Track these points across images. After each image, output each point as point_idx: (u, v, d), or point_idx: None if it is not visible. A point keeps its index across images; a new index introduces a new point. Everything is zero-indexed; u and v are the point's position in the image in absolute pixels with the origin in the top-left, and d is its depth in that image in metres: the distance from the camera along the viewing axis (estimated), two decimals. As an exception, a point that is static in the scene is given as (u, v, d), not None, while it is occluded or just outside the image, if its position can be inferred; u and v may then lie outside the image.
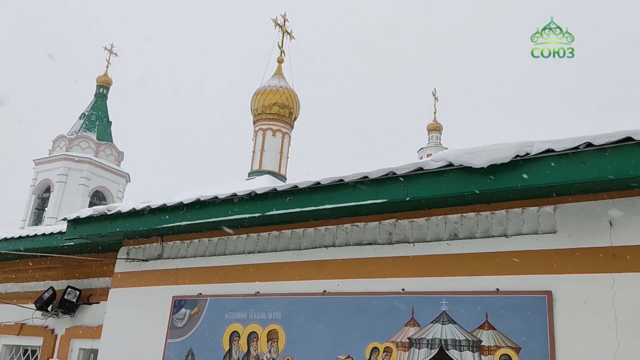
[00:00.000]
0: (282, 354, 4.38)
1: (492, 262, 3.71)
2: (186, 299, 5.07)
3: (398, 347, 3.90)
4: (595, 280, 3.30)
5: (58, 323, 6.79)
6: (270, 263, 4.77)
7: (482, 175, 3.43)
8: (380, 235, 4.27)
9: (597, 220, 3.40)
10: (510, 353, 3.48)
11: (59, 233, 6.13)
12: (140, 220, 5.14)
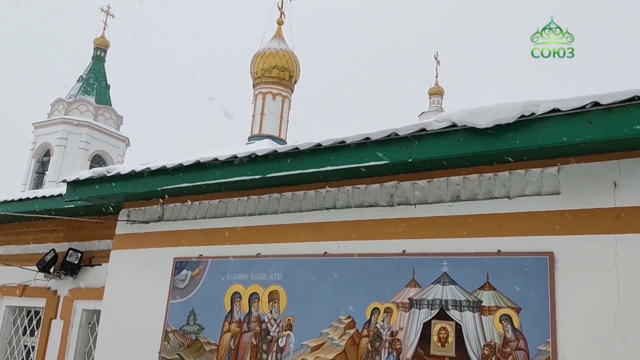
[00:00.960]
0: (283, 314, 4.42)
1: (494, 224, 3.69)
2: (187, 261, 5.09)
3: (398, 308, 3.92)
4: (597, 241, 3.29)
5: (60, 284, 6.84)
6: (271, 225, 4.77)
7: (486, 135, 3.38)
8: (381, 197, 4.24)
9: (601, 181, 3.37)
10: (510, 313, 3.50)
11: (59, 195, 6.11)
12: (139, 182, 5.11)
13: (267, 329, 4.45)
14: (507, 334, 3.48)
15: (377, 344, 3.94)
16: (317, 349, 4.16)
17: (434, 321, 3.76)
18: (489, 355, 3.50)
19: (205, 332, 4.76)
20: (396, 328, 3.89)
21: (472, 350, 3.57)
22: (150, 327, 5.09)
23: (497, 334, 3.51)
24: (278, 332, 4.39)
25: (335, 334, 4.12)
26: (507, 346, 3.46)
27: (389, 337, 3.90)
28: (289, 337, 4.32)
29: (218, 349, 4.63)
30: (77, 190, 5.45)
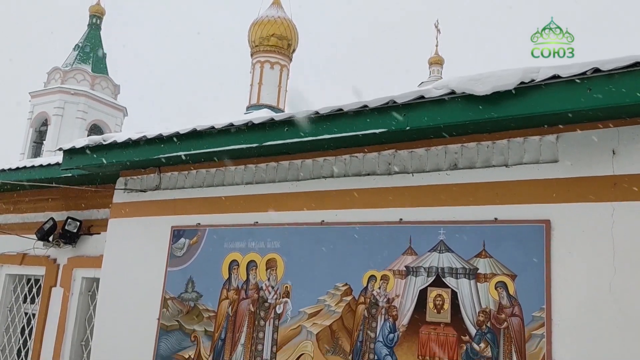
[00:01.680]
0: (281, 282, 4.45)
1: (491, 192, 3.69)
2: (185, 229, 5.10)
3: (395, 275, 3.95)
4: (594, 209, 3.29)
5: (60, 253, 6.88)
6: (269, 194, 4.76)
7: (485, 103, 3.35)
8: (379, 166, 4.23)
9: (600, 149, 3.35)
10: (505, 280, 3.52)
11: (56, 164, 6.10)
12: (136, 150, 5.08)
13: (264, 296, 4.49)
14: (502, 301, 3.51)
15: (373, 310, 3.98)
16: (314, 316, 4.20)
17: (430, 288, 3.79)
18: (484, 322, 3.54)
19: (203, 300, 4.80)
20: (392, 295, 3.92)
21: (468, 316, 3.61)
22: (149, 295, 5.13)
23: (493, 300, 3.54)
24: (276, 300, 4.43)
25: (332, 301, 4.15)
26: (502, 312, 3.49)
27: (386, 304, 3.94)
28: (287, 304, 4.36)
29: (216, 316, 4.68)
30: (73, 159, 5.43)
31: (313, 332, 4.16)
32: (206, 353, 4.63)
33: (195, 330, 4.76)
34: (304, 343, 4.18)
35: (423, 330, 3.75)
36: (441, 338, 3.67)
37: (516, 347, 3.40)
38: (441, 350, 3.65)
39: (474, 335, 3.56)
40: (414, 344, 3.75)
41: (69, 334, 6.50)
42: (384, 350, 3.86)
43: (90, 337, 6.45)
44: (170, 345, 4.86)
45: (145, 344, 5.00)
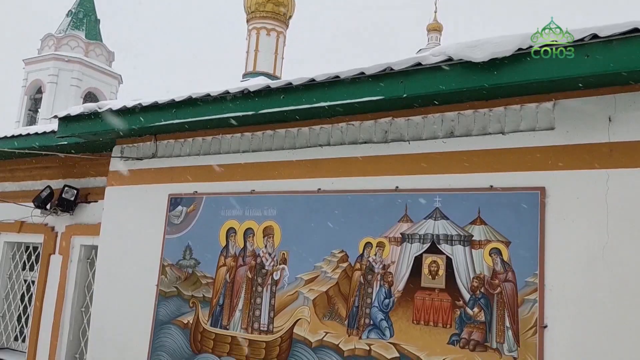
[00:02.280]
0: (278, 249, 4.49)
1: (487, 160, 3.70)
2: (182, 197, 5.12)
3: (390, 242, 3.99)
4: (589, 176, 3.30)
5: (58, 221, 6.91)
6: (265, 162, 4.76)
7: (482, 70, 3.33)
8: (375, 134, 4.22)
9: (597, 116, 3.35)
10: (500, 247, 3.56)
11: (51, 132, 6.07)
12: (132, 118, 5.06)
13: (262, 263, 4.54)
14: (496, 267, 3.56)
15: (369, 276, 4.03)
16: (311, 282, 4.25)
17: (425, 255, 3.84)
18: (478, 287, 3.59)
19: (201, 266, 4.85)
20: (388, 262, 3.97)
21: (462, 282, 3.66)
22: (147, 262, 5.18)
23: (487, 266, 3.59)
24: (273, 266, 4.48)
25: (329, 268, 4.20)
26: (495, 278, 3.55)
27: (381, 270, 3.98)
28: (284, 271, 4.41)
29: (214, 282, 4.73)
30: (69, 126, 5.40)
31: (310, 298, 4.23)
32: (204, 318, 4.70)
33: (194, 297, 4.82)
34: (300, 308, 4.25)
35: (418, 296, 3.80)
36: (435, 303, 3.73)
37: (509, 311, 3.46)
38: (435, 315, 3.71)
39: (468, 300, 3.62)
40: (409, 309, 3.81)
41: (69, 300, 6.58)
42: (380, 315, 3.92)
43: (90, 303, 6.53)
44: (169, 311, 4.93)
45: (145, 310, 5.07)
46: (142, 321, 5.06)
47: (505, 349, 3.43)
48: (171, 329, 4.87)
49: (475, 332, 3.56)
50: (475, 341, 3.54)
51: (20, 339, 7.30)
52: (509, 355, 3.41)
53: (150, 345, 4.95)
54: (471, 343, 3.55)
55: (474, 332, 3.56)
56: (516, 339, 3.41)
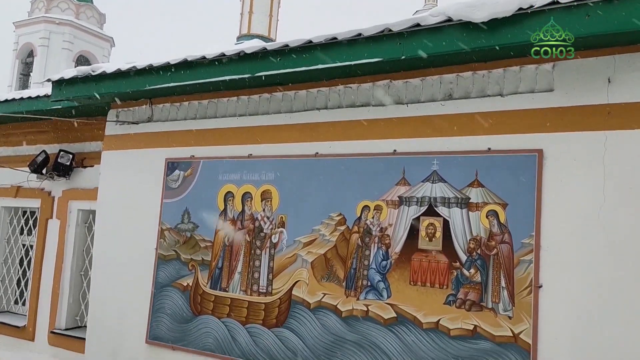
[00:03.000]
0: (276, 212, 4.51)
1: (485, 122, 3.69)
2: (179, 161, 5.11)
3: (388, 205, 4.01)
4: (587, 138, 3.31)
5: (54, 185, 6.90)
6: (262, 126, 4.74)
7: (482, 30, 3.29)
8: (373, 97, 4.19)
9: (596, 78, 3.33)
10: (497, 209, 3.59)
11: (45, 96, 6.00)
12: (126, 81, 5.00)
13: (260, 227, 4.56)
14: (493, 229, 3.59)
15: (367, 239, 4.06)
16: (309, 245, 4.29)
17: (422, 217, 3.87)
18: (475, 249, 3.64)
19: (199, 230, 4.88)
20: (385, 224, 4.00)
21: (459, 244, 3.70)
22: (145, 226, 5.20)
23: (483, 228, 3.62)
24: (271, 230, 4.51)
25: (327, 231, 4.23)
26: (492, 240, 3.59)
27: (379, 232, 4.02)
28: (282, 234, 4.44)
29: (213, 246, 4.77)
30: (63, 90, 5.34)
31: (308, 260, 4.27)
32: (204, 281, 4.76)
33: (193, 260, 4.86)
34: (299, 270, 4.30)
35: (415, 258, 3.85)
36: (432, 264, 3.78)
37: (505, 272, 3.51)
38: (432, 276, 3.76)
39: (464, 261, 3.67)
40: (406, 270, 3.86)
41: (68, 264, 6.63)
42: (377, 276, 3.97)
43: (89, 267, 6.59)
44: (169, 274, 4.98)
45: (144, 273, 5.12)
46: (142, 284, 5.11)
47: (500, 309, 3.50)
48: (171, 291, 4.93)
49: (471, 292, 3.62)
50: (471, 301, 3.61)
51: (21, 302, 7.38)
52: (504, 314, 3.48)
53: (151, 308, 5.02)
54: (467, 303, 3.62)
55: (470, 293, 3.62)
56: (511, 299, 3.47)
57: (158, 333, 4.94)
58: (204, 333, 4.67)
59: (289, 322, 4.28)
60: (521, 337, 3.40)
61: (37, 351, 6.68)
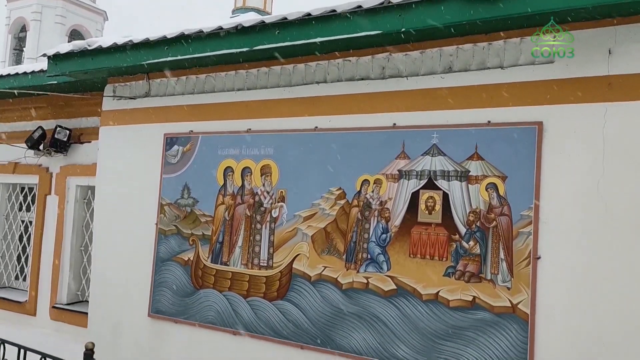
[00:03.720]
0: (276, 187, 4.52)
1: (485, 95, 3.68)
2: (178, 137, 5.09)
3: (388, 179, 4.02)
4: (587, 110, 3.31)
5: (52, 161, 6.89)
6: (261, 100, 4.72)
7: (482, 1, 3.25)
8: (373, 70, 4.17)
9: (596, 49, 3.31)
10: (496, 181, 3.61)
11: (40, 71, 5.95)
12: (123, 56, 4.95)
13: (260, 201, 4.58)
14: (492, 201, 3.62)
15: (366, 213, 4.09)
16: (309, 219, 4.32)
17: (422, 191, 3.89)
18: (474, 221, 3.67)
19: (199, 205, 4.89)
20: (385, 198, 4.02)
21: (458, 217, 3.73)
22: (145, 201, 5.21)
23: (483, 201, 3.65)
24: (271, 204, 4.52)
25: (327, 205, 4.26)
26: (491, 212, 3.61)
27: (378, 206, 4.04)
28: (282, 208, 4.46)
29: (213, 220, 4.79)
30: (58, 65, 5.29)
31: (308, 234, 4.30)
32: (205, 255, 4.79)
33: (193, 234, 4.89)
34: (299, 244, 4.33)
35: (414, 231, 3.88)
36: (432, 237, 3.82)
37: (504, 244, 3.55)
38: (432, 249, 3.80)
39: (464, 234, 3.70)
40: (406, 243, 3.90)
41: (67, 240, 6.66)
42: (377, 249, 4.01)
43: (89, 242, 6.62)
44: (170, 249, 5.01)
45: (145, 248, 5.15)
46: (143, 259, 5.15)
47: (499, 280, 3.55)
48: (172, 266, 4.97)
49: (470, 264, 3.67)
50: (470, 273, 3.65)
51: (21, 278, 7.43)
52: (503, 285, 3.53)
53: (152, 282, 5.06)
54: (466, 275, 3.67)
55: (469, 264, 3.67)
56: (510, 270, 3.51)
57: (160, 307, 4.99)
58: (206, 306, 4.73)
59: (290, 294, 4.33)
60: (519, 307, 3.45)
61: (39, 326, 6.75)
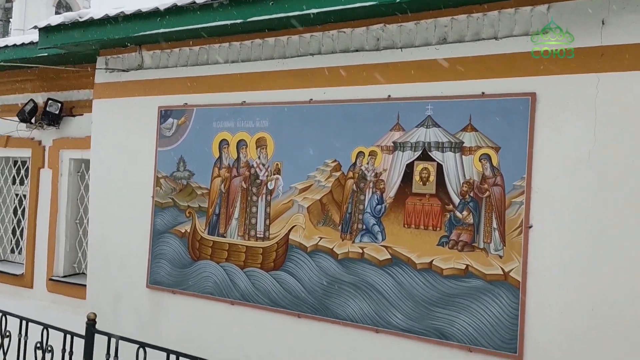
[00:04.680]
0: (271, 159, 4.56)
1: (479, 66, 3.70)
2: (172, 109, 5.09)
3: (383, 151, 4.07)
4: (580, 80, 3.34)
5: (44, 135, 6.86)
6: (255, 72, 4.71)
7: (478, -28, 3.26)
8: (367, 42, 4.17)
9: (590, 19, 3.33)
10: (490, 152, 3.66)
11: (30, 43, 5.87)
12: (115, 27, 4.90)
13: (256, 174, 4.62)
14: (485, 172, 3.68)
15: (361, 184, 4.14)
16: (305, 191, 4.37)
17: (416, 162, 3.94)
18: (467, 192, 3.73)
19: (195, 178, 4.92)
20: (380, 170, 4.07)
21: (452, 187, 3.79)
22: (141, 174, 5.23)
23: (476, 172, 3.71)
24: (267, 176, 4.56)
25: (322, 177, 4.30)
26: (484, 183, 3.68)
27: (373, 178, 4.09)
28: (278, 181, 4.51)
29: (209, 193, 4.83)
30: (49, 37, 5.23)
31: (304, 206, 4.36)
32: (202, 227, 4.85)
33: (190, 207, 4.93)
34: (295, 216, 4.39)
35: (409, 201, 3.95)
36: (426, 208, 3.88)
37: (496, 214, 3.62)
38: (426, 219, 3.87)
39: (457, 204, 3.77)
40: (400, 213, 3.96)
41: (62, 213, 6.68)
42: (372, 220, 4.08)
43: (84, 215, 6.65)
44: (166, 221, 5.05)
45: (142, 221, 5.19)
46: (140, 231, 5.20)
47: (491, 249, 3.63)
48: (169, 238, 5.02)
49: (463, 233, 3.74)
50: (464, 242, 3.73)
51: (17, 251, 7.47)
52: (495, 254, 3.62)
53: (150, 254, 5.12)
54: (459, 244, 3.75)
55: (463, 234, 3.75)
56: (502, 239, 3.60)
57: (158, 278, 5.07)
58: (204, 277, 4.80)
59: (287, 265, 4.40)
60: (511, 275, 3.55)
61: (37, 298, 6.83)
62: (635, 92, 3.21)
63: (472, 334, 3.65)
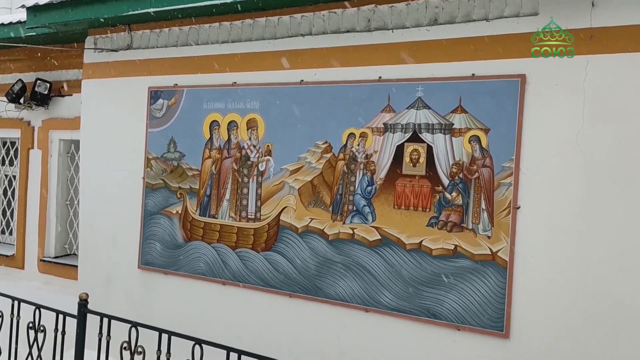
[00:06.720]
0: (262, 141, 4.56)
1: (470, 48, 3.71)
2: (162, 90, 5.06)
3: (373, 132, 4.08)
4: (569, 62, 3.36)
5: (33, 115, 6.80)
6: (246, 53, 4.69)
7: (469, -47, 3.25)
8: (358, 23, 4.16)
9: (580, 1, 3.34)
10: (479, 134, 3.69)
11: (18, 22, 5.80)
12: (103, 7, 4.84)
13: (247, 155, 4.62)
14: (475, 153, 3.71)
15: (352, 166, 4.16)
16: (296, 172, 4.38)
17: (406, 144, 3.96)
18: (457, 173, 3.77)
19: (186, 159, 4.92)
20: (371, 151, 4.09)
21: (442, 168, 3.82)
22: (131, 155, 5.22)
23: (466, 153, 3.74)
24: (258, 158, 4.57)
25: (313, 158, 4.32)
26: (474, 164, 3.71)
27: (364, 159, 4.11)
28: (269, 162, 4.52)
29: (200, 174, 4.83)
30: (37, 17, 5.16)
31: (295, 187, 4.38)
32: (193, 209, 4.86)
33: (181, 188, 4.94)
34: (286, 197, 4.41)
35: (399, 183, 3.98)
36: (416, 189, 3.91)
37: (485, 195, 3.66)
38: (416, 200, 3.91)
39: (447, 185, 3.80)
40: (390, 195, 4.00)
41: (53, 194, 6.66)
42: (362, 201, 4.11)
43: (75, 196, 6.64)
44: (158, 202, 5.06)
45: (133, 202, 5.19)
46: (131, 212, 5.20)
47: (480, 229, 3.68)
48: (161, 219, 5.03)
49: (452, 214, 3.79)
50: (453, 223, 3.78)
51: (7, 232, 7.45)
52: (484, 234, 3.66)
53: (141, 235, 5.13)
54: (449, 224, 3.79)
55: (452, 215, 3.79)
56: (491, 220, 3.64)
57: (150, 259, 5.09)
58: (195, 258, 4.83)
59: (278, 245, 4.44)
60: (499, 255, 3.60)
61: (28, 279, 6.83)
62: (624, 74, 3.24)
63: (461, 313, 3.72)
